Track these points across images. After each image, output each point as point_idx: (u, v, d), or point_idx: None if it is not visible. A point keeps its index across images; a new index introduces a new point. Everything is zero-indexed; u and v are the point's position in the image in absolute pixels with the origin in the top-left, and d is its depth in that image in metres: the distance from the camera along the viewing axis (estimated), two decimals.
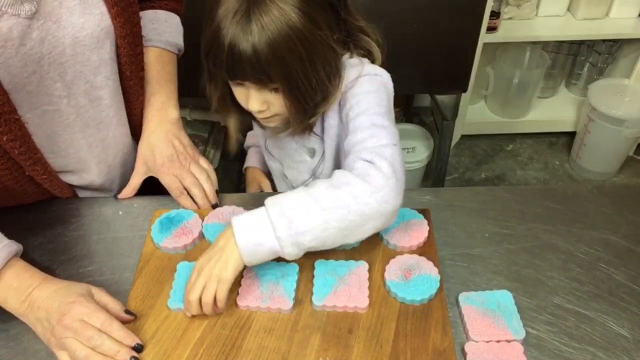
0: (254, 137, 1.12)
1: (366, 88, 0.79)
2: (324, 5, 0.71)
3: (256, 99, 0.74)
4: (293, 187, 0.97)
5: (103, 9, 0.75)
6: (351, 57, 0.81)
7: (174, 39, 0.93)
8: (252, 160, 1.12)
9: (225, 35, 0.67)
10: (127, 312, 0.69)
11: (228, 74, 0.72)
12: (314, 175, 0.94)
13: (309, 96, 0.74)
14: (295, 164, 0.94)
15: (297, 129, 0.81)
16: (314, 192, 0.67)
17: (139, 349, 0.65)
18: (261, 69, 0.68)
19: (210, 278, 0.67)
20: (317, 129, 0.86)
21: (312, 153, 0.91)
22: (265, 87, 0.73)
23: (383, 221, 0.68)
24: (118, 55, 0.80)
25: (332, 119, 0.83)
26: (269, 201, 0.68)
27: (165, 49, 0.92)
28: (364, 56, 0.82)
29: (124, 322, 0.67)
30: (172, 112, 0.89)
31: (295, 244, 0.66)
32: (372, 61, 0.83)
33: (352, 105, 0.77)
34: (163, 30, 0.91)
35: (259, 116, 0.78)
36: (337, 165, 0.90)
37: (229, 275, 0.66)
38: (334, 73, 0.76)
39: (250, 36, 0.66)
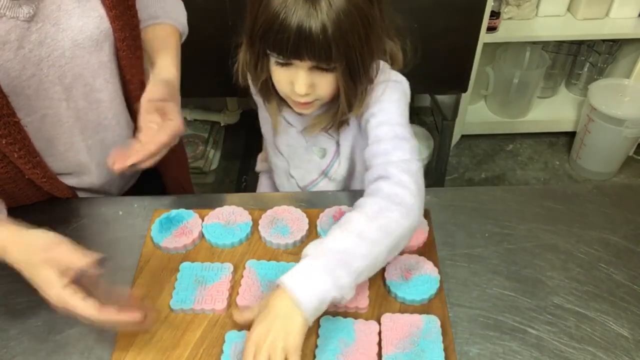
0: (263, 161, 1.12)
1: (390, 96, 0.79)
2: None
3: (304, 82, 0.73)
4: (298, 187, 0.97)
5: (102, 11, 0.74)
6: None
7: (181, 19, 0.91)
8: (264, 188, 1.12)
9: (293, 14, 0.66)
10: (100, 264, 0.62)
11: (290, 54, 0.70)
12: (326, 176, 0.93)
13: (360, 78, 0.75)
14: (303, 163, 0.94)
15: (338, 119, 0.80)
16: (355, 228, 0.65)
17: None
18: (327, 47, 0.68)
19: (275, 351, 0.60)
20: (331, 129, 0.86)
21: (322, 153, 0.91)
22: (320, 67, 0.72)
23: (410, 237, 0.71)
24: (118, 59, 0.80)
25: (350, 121, 0.84)
26: (315, 252, 0.64)
27: (173, 25, 0.90)
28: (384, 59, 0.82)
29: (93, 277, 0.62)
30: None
31: (354, 285, 0.64)
32: (391, 65, 0.82)
33: (374, 113, 0.78)
34: (170, 9, 0.90)
35: (300, 100, 0.77)
36: (352, 167, 0.90)
37: (299, 342, 0.61)
38: (378, 62, 0.77)
39: (320, 13, 0.66)
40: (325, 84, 0.75)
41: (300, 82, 0.73)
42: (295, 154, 0.94)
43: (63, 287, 0.59)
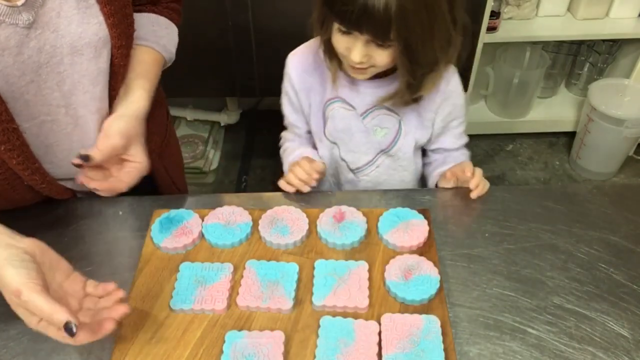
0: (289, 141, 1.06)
1: (462, 97, 0.95)
2: None
3: (359, 51, 0.78)
4: (350, 169, 1.00)
5: (101, 18, 0.74)
6: None
7: (169, 47, 0.91)
8: (307, 152, 1.00)
9: None
10: None
11: (351, 24, 0.75)
12: (385, 153, 0.97)
13: (419, 62, 0.80)
14: (358, 146, 0.96)
15: (406, 95, 0.85)
16: None
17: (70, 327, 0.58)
18: (387, 26, 0.73)
19: None
20: (395, 107, 0.91)
21: (384, 132, 0.94)
22: (377, 42, 0.77)
23: None
24: (111, 65, 0.79)
25: (429, 111, 0.92)
26: None
27: (160, 53, 0.89)
28: None
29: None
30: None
31: None
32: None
33: (457, 115, 0.96)
34: (162, 35, 0.90)
35: (355, 65, 0.82)
36: (414, 142, 0.96)
37: None
38: (445, 51, 0.81)
39: None
40: (380, 57, 0.79)
41: (356, 51, 0.78)
42: (351, 138, 0.96)
43: (37, 323, 0.59)
